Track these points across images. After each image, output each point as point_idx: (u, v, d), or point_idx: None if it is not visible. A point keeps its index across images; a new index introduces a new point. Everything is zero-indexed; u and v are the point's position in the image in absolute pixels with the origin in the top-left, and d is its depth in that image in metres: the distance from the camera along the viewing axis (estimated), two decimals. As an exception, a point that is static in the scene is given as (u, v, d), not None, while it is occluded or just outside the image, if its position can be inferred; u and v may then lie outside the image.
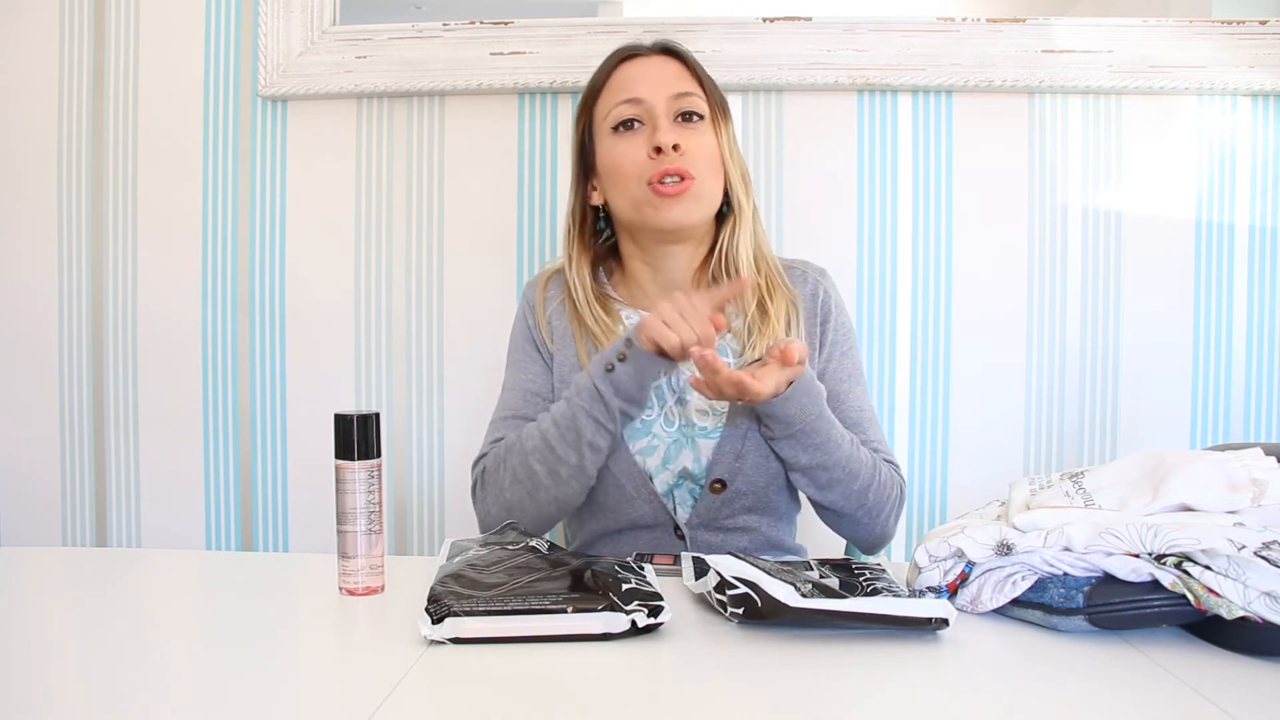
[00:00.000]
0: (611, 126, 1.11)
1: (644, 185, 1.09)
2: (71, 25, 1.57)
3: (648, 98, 1.09)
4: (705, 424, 1.12)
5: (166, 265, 1.58)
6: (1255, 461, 0.82)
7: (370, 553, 0.87)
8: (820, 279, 1.19)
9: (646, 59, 1.13)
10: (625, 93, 1.11)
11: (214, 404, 1.58)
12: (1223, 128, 1.47)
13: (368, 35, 1.50)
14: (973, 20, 1.44)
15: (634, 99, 1.10)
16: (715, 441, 1.11)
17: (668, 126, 1.09)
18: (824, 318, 1.16)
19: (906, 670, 0.70)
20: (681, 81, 1.11)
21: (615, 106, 1.11)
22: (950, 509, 1.51)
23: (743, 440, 1.10)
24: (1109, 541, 0.76)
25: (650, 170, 1.08)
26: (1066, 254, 1.49)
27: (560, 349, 1.16)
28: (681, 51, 1.14)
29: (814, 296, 1.17)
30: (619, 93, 1.11)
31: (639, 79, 1.11)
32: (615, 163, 1.11)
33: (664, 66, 1.12)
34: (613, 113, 1.11)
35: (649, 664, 0.71)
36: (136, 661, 0.72)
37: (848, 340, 1.18)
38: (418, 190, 1.54)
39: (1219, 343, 1.49)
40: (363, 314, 1.56)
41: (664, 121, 1.09)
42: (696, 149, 1.09)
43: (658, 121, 1.09)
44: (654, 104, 1.09)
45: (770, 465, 1.11)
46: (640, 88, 1.10)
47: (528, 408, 1.15)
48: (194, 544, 1.60)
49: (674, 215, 1.09)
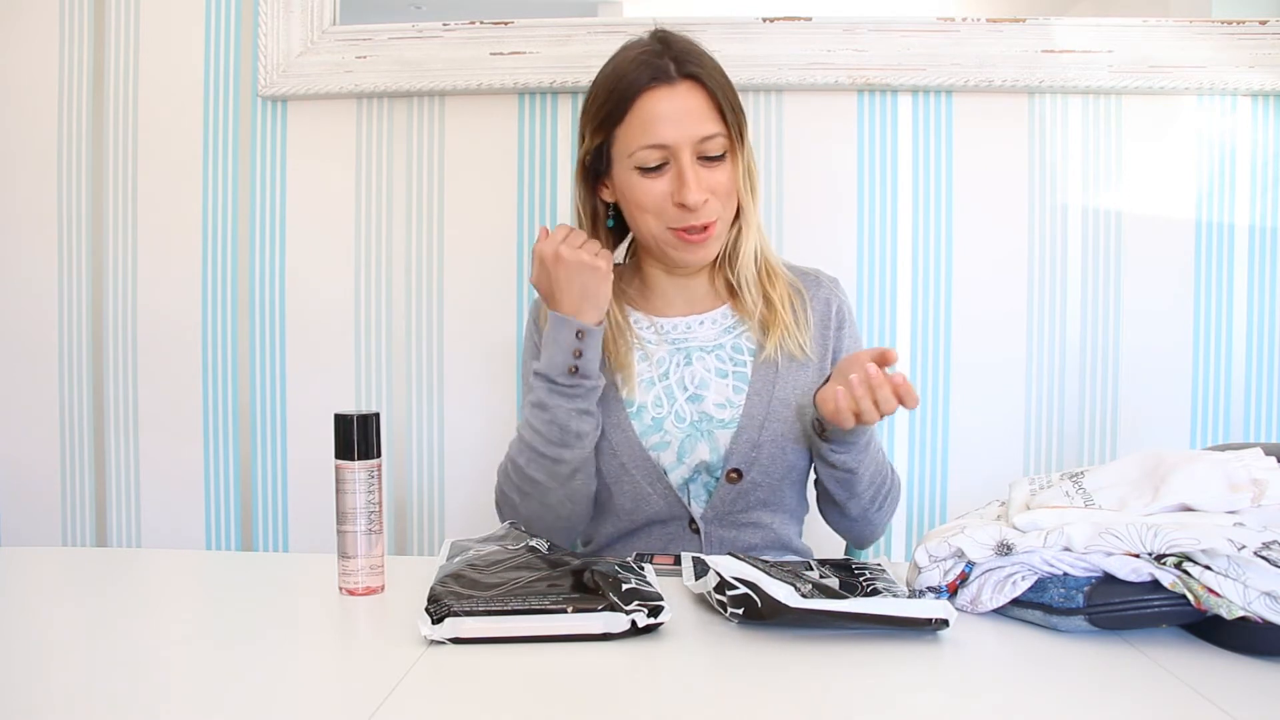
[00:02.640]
0: (635, 166, 1.09)
1: (665, 229, 1.11)
2: (71, 25, 1.57)
3: (673, 143, 1.07)
4: (723, 416, 1.14)
5: (166, 265, 1.58)
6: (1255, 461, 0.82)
7: (370, 553, 0.87)
8: (834, 288, 1.22)
9: (672, 90, 1.08)
10: (650, 136, 1.07)
11: (214, 404, 1.58)
12: (1223, 128, 1.47)
13: (368, 35, 1.50)
14: (973, 20, 1.44)
15: (659, 145, 1.07)
16: (732, 431, 1.13)
17: (694, 181, 1.07)
18: (837, 325, 1.20)
19: (906, 670, 0.70)
20: (706, 122, 1.08)
21: (640, 149, 1.08)
22: (950, 509, 1.51)
23: (759, 430, 1.13)
24: (1109, 541, 0.76)
25: (674, 218, 1.09)
26: (1066, 254, 1.49)
27: None
28: (704, 77, 1.09)
29: (827, 303, 1.20)
30: (644, 134, 1.08)
31: (665, 119, 1.07)
32: (638, 199, 1.11)
33: (689, 100, 1.08)
34: (637, 154, 1.08)
35: (649, 664, 0.71)
36: (136, 661, 0.72)
37: (857, 349, 1.21)
38: (418, 190, 1.54)
39: (1219, 343, 1.49)
40: (363, 314, 1.56)
41: (690, 174, 1.07)
42: (718, 189, 1.10)
43: (683, 172, 1.07)
44: (679, 149, 1.07)
45: (785, 458, 1.14)
46: (666, 131, 1.07)
47: None
48: (194, 544, 1.60)
49: (695, 258, 1.13)
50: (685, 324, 1.19)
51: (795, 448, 1.14)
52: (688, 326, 1.18)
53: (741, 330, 1.18)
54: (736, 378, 1.15)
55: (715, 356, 1.16)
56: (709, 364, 1.16)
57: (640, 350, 1.17)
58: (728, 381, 1.15)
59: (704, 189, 1.08)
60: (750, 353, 1.17)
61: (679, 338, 1.18)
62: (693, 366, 1.16)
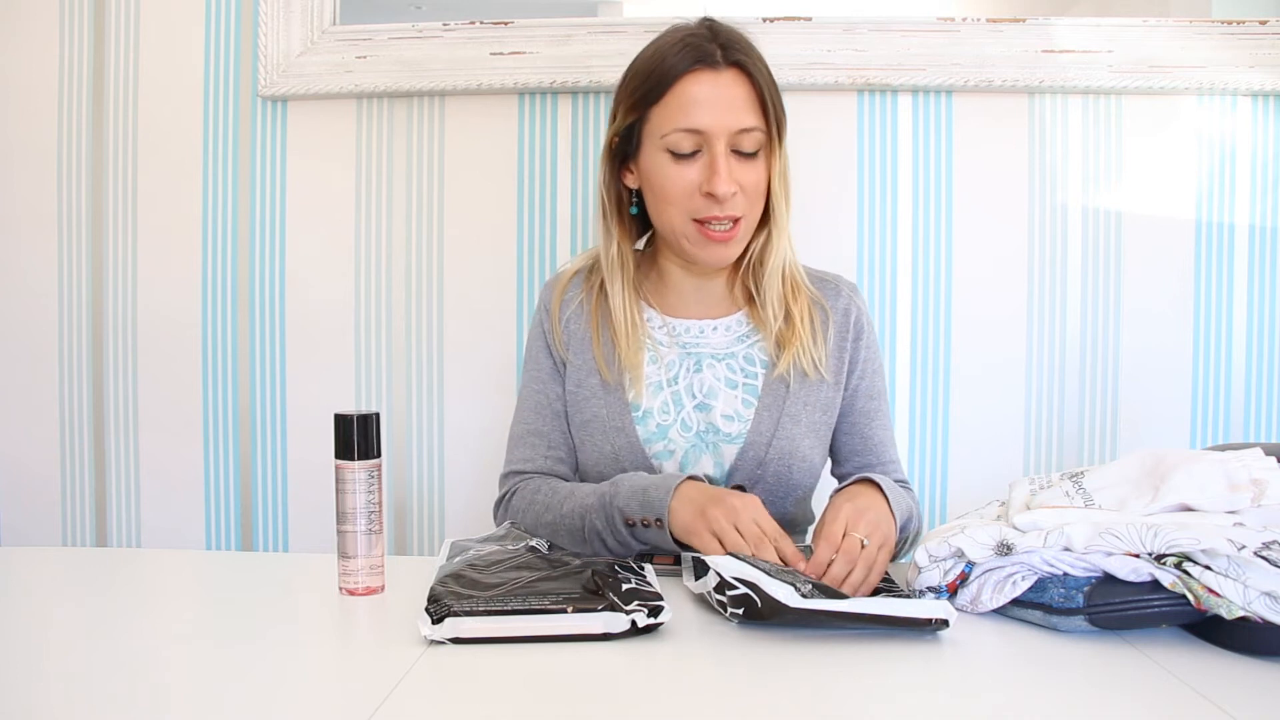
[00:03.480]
0: (666, 148, 1.05)
1: (689, 220, 1.07)
2: (71, 25, 1.57)
3: (710, 129, 1.03)
4: (730, 430, 1.11)
5: (166, 265, 1.58)
6: (1255, 461, 0.82)
7: (370, 553, 0.87)
8: (853, 295, 1.18)
9: (716, 75, 1.04)
10: (688, 119, 1.03)
11: (214, 404, 1.58)
12: (1223, 128, 1.47)
13: (368, 35, 1.50)
14: (973, 20, 1.44)
15: (695, 129, 1.03)
16: (739, 447, 1.11)
17: (726, 171, 1.03)
18: (856, 334, 1.16)
19: (906, 670, 0.70)
20: (746, 113, 1.04)
21: (674, 131, 1.04)
22: (950, 509, 1.51)
23: (766, 448, 1.10)
24: (1109, 541, 0.76)
25: (700, 208, 1.05)
26: (1066, 254, 1.49)
27: (576, 354, 1.15)
28: (751, 68, 1.05)
29: (846, 313, 1.16)
30: (681, 115, 1.04)
31: (705, 104, 1.03)
32: (663, 185, 1.07)
33: (732, 89, 1.04)
34: (671, 136, 1.04)
35: (649, 664, 0.71)
36: (136, 661, 0.72)
37: (877, 359, 1.19)
38: (418, 190, 1.54)
39: (1219, 343, 1.49)
40: (363, 314, 1.56)
41: (722, 164, 1.03)
42: (747, 186, 1.06)
43: (716, 160, 1.03)
44: (714, 136, 1.03)
45: (791, 477, 1.11)
46: (704, 116, 1.03)
47: (540, 421, 1.15)
48: (194, 544, 1.60)
49: (716, 257, 1.09)
50: (699, 327, 1.15)
51: (801, 467, 1.12)
52: (700, 331, 1.15)
53: (755, 340, 1.15)
54: (746, 390, 1.13)
55: (726, 366, 1.14)
56: (719, 372, 1.13)
57: (651, 351, 1.14)
58: (737, 393, 1.12)
59: (734, 182, 1.04)
60: (763, 364, 1.14)
61: (690, 341, 1.15)
62: (702, 374, 1.13)
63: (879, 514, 0.93)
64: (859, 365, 1.16)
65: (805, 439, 1.12)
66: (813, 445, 1.13)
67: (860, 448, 1.17)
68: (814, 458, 1.14)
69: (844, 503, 0.93)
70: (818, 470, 1.16)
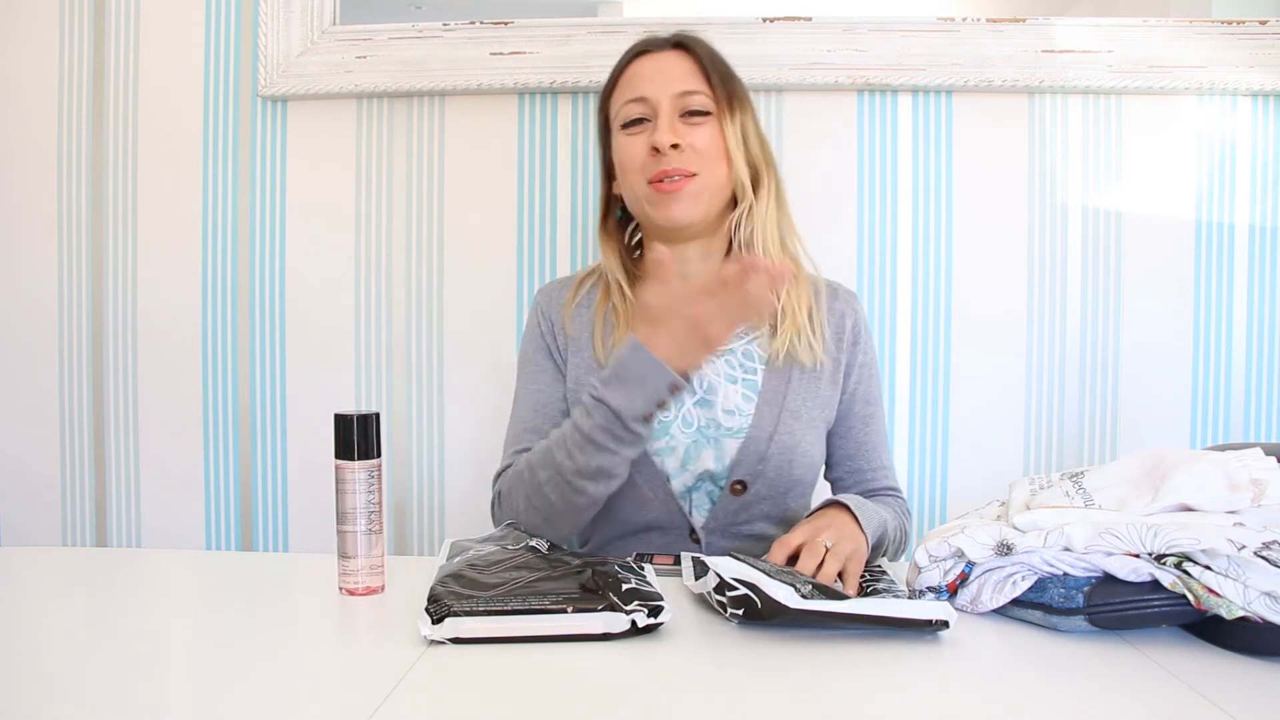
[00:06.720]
0: (621, 124, 1.14)
1: (644, 183, 1.11)
2: (71, 25, 1.57)
3: (652, 96, 1.11)
4: (731, 424, 1.12)
5: (166, 265, 1.58)
6: (1255, 461, 0.82)
7: (370, 553, 0.87)
8: (850, 303, 1.20)
9: (658, 55, 1.14)
10: (633, 91, 1.13)
11: (214, 404, 1.58)
12: (1223, 127, 1.47)
13: (368, 35, 1.50)
14: (973, 20, 1.44)
15: (640, 98, 1.12)
16: (740, 441, 1.11)
17: (667, 126, 1.10)
18: (853, 340, 1.18)
19: (907, 670, 0.70)
20: (688, 79, 1.12)
21: (624, 105, 1.13)
22: (950, 509, 1.51)
23: (767, 443, 1.11)
24: (1109, 541, 0.76)
25: (651, 168, 1.10)
26: (1066, 254, 1.49)
27: (576, 354, 1.16)
28: (693, 45, 1.14)
29: (842, 318, 1.18)
30: (627, 90, 1.13)
31: (647, 76, 1.13)
32: (622, 159, 1.14)
33: (674, 63, 1.13)
34: (622, 110, 1.13)
35: (649, 664, 0.71)
36: (136, 661, 0.72)
37: (874, 365, 1.21)
38: (418, 190, 1.54)
39: (1219, 343, 1.49)
40: (363, 314, 1.56)
41: (664, 120, 1.10)
42: (699, 145, 1.10)
43: (659, 121, 1.10)
44: (658, 102, 1.11)
45: (792, 472, 1.12)
46: (646, 86, 1.12)
47: (539, 420, 1.15)
48: (194, 544, 1.60)
49: (672, 213, 1.11)
50: None
51: (802, 461, 1.12)
52: None
53: (754, 336, 1.16)
54: (746, 384, 1.13)
55: (725, 361, 1.15)
56: (719, 367, 1.14)
57: None
58: (737, 388, 1.13)
59: (680, 138, 1.09)
60: (761, 359, 1.15)
61: None
62: (702, 369, 1.13)
63: (841, 529, 0.94)
64: (855, 370, 1.18)
65: (806, 433, 1.12)
66: (813, 440, 1.13)
67: (854, 452, 1.18)
68: (814, 453, 1.14)
69: (803, 523, 0.97)
70: (818, 466, 1.16)
